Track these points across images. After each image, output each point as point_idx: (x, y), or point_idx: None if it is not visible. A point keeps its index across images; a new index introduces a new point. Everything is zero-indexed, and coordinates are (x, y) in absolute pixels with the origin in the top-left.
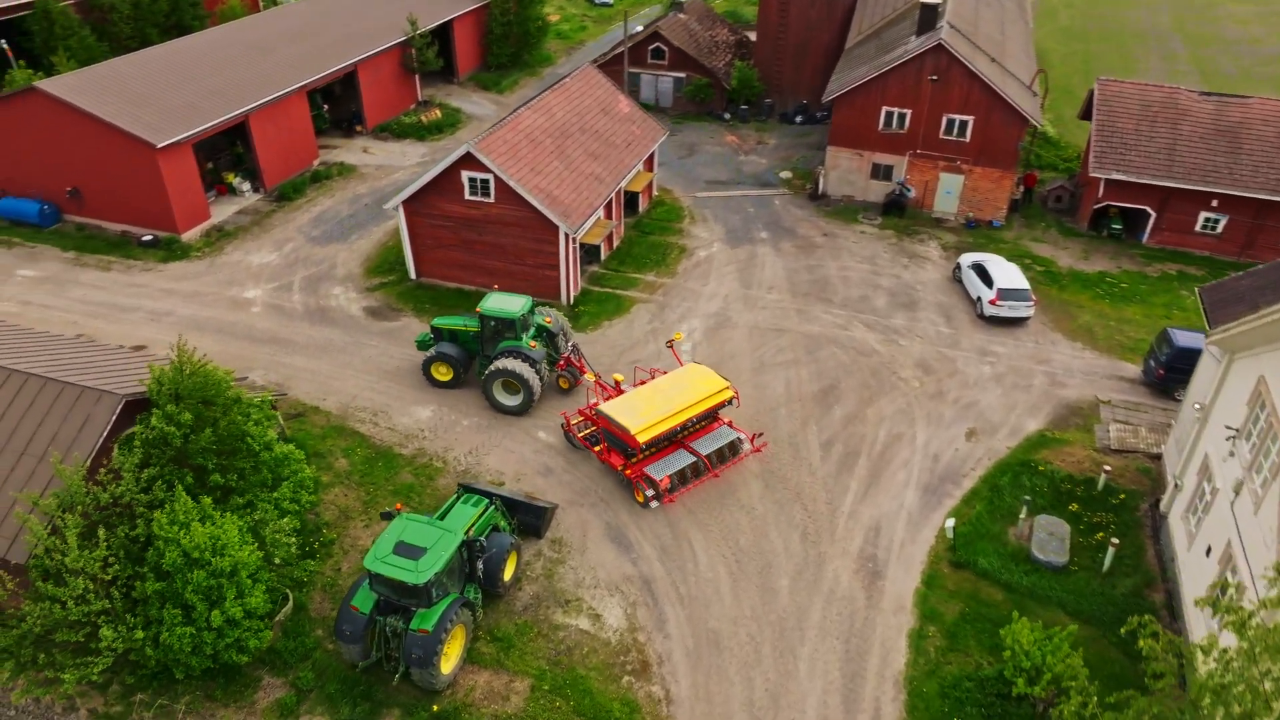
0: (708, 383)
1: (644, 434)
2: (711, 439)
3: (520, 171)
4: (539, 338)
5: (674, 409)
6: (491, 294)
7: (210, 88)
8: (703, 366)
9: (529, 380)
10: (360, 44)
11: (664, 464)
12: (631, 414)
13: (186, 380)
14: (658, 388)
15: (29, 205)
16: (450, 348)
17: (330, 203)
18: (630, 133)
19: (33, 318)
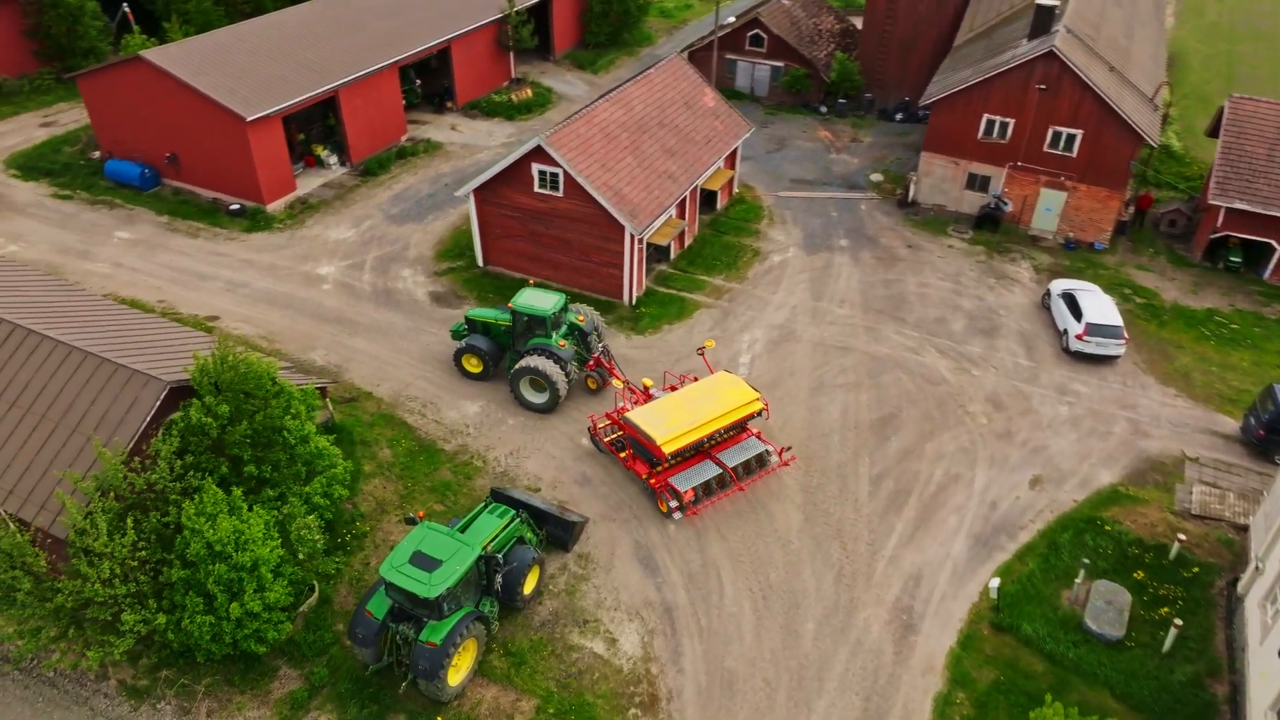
0: (737, 393)
1: (670, 445)
2: (739, 450)
3: (590, 167)
4: (570, 336)
5: (702, 419)
6: (525, 289)
7: (304, 61)
8: (733, 375)
9: (555, 380)
10: (455, 20)
11: (689, 475)
12: (658, 423)
13: (226, 373)
14: (686, 396)
15: (131, 169)
16: (482, 340)
17: (412, 180)
18: (712, 128)
19: (122, 280)
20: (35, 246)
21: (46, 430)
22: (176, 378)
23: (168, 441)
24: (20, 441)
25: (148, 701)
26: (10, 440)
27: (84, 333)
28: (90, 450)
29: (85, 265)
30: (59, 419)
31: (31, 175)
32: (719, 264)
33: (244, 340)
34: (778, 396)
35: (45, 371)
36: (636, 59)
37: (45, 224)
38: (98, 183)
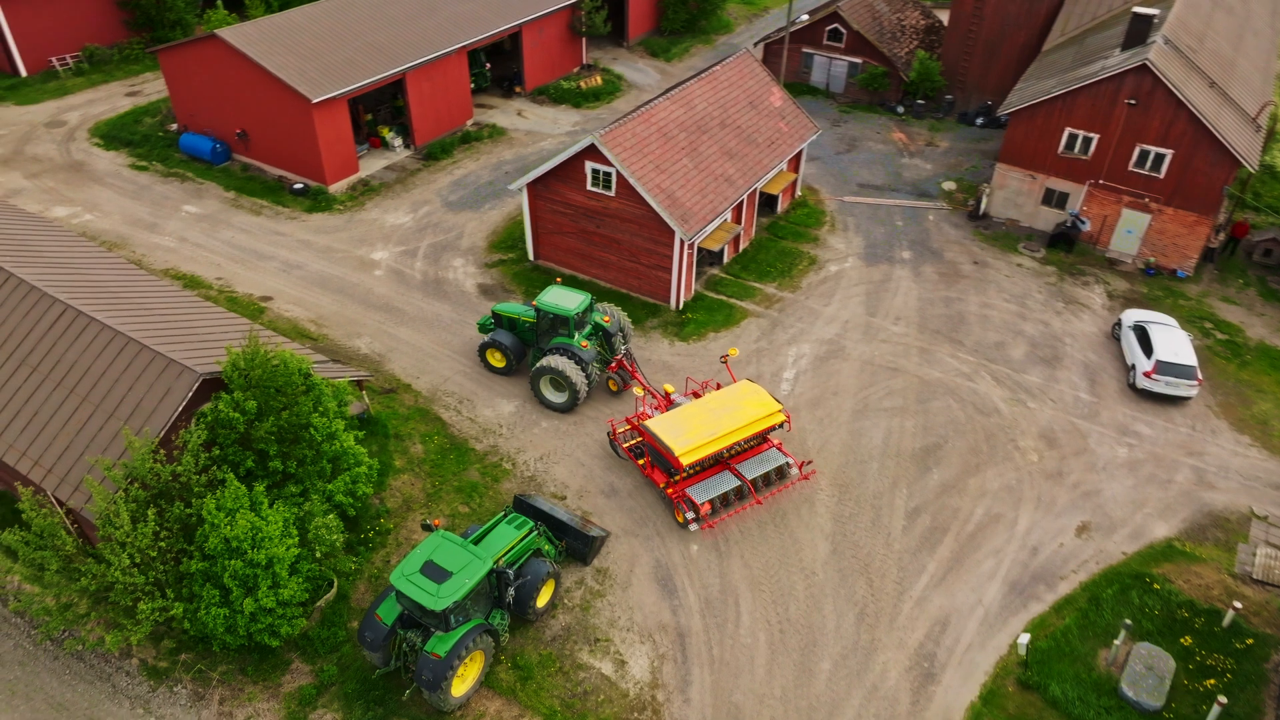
0: (759, 404)
1: (688, 456)
2: (758, 462)
3: (643, 168)
4: (595, 336)
5: (722, 430)
6: (552, 287)
7: (374, 43)
8: (755, 385)
9: (574, 381)
10: (528, 4)
11: (707, 486)
12: (677, 433)
13: (255, 369)
14: (707, 405)
15: (204, 143)
16: (506, 336)
17: (474, 166)
18: (776, 129)
19: (185, 255)
20: (108, 217)
21: (86, 412)
22: (210, 369)
23: (195, 433)
24: (62, 421)
25: (165, 683)
26: (53, 420)
27: (131, 316)
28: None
29: (152, 238)
30: (99, 402)
31: (113, 145)
32: (772, 271)
33: (293, 324)
34: (819, 417)
35: (90, 354)
36: (712, 47)
37: (120, 194)
38: (172, 155)
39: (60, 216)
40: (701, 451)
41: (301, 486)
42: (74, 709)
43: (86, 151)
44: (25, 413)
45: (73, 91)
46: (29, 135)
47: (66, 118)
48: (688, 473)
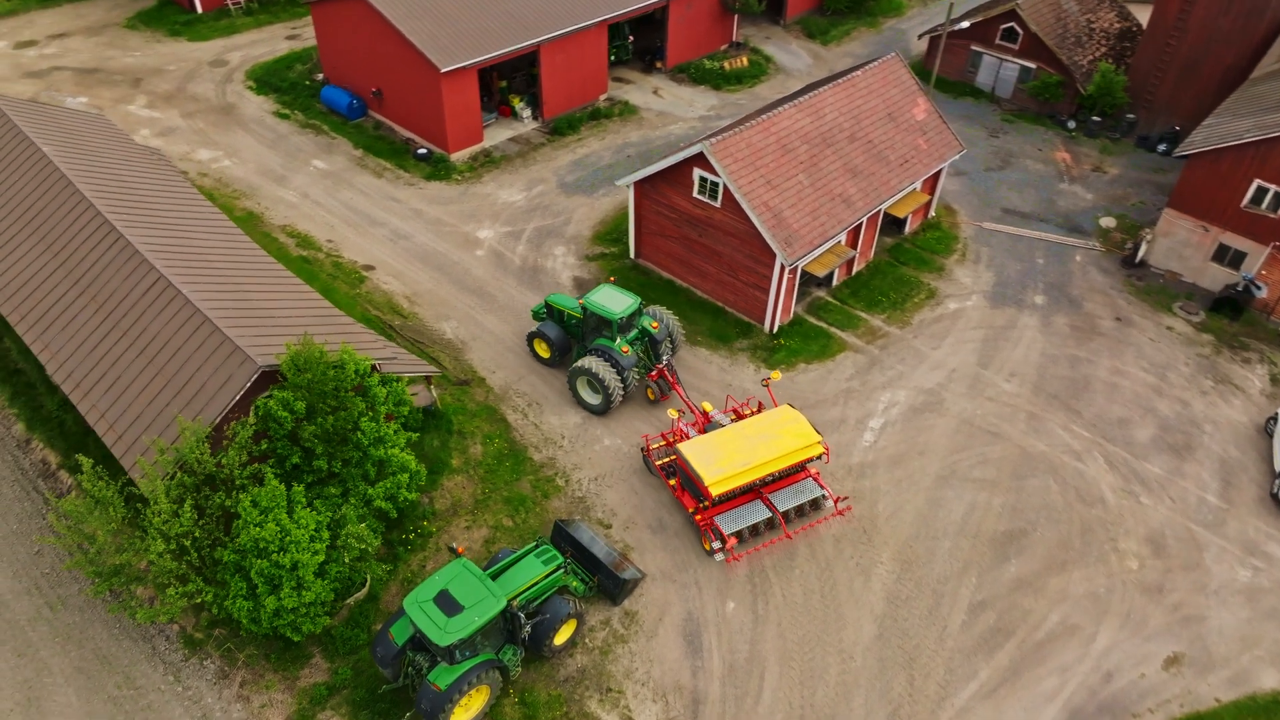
0: (797, 433)
1: (719, 486)
2: (793, 492)
3: (752, 183)
4: (639, 341)
5: (756, 460)
6: (604, 286)
7: (512, 11)
8: (795, 411)
9: (609, 385)
10: None
11: (737, 515)
12: (709, 461)
13: (307, 372)
14: (743, 432)
15: (342, 97)
16: (553, 329)
17: (597, 146)
18: (913, 146)
19: (304, 212)
20: (244, 165)
21: (159, 385)
22: (271, 362)
23: (245, 428)
24: (138, 390)
25: (198, 654)
26: (131, 387)
27: (217, 291)
28: (190, 412)
29: (278, 191)
30: (170, 376)
31: (263, 90)
32: (884, 301)
33: (388, 298)
34: (897, 478)
35: (171, 327)
36: (876, 32)
37: (259, 142)
38: (313, 105)
39: (203, 160)
40: (733, 482)
41: (343, 488)
42: (115, 663)
43: (239, 94)
44: (110, 375)
45: (240, 31)
46: (193, 73)
47: (229, 57)
48: (716, 501)
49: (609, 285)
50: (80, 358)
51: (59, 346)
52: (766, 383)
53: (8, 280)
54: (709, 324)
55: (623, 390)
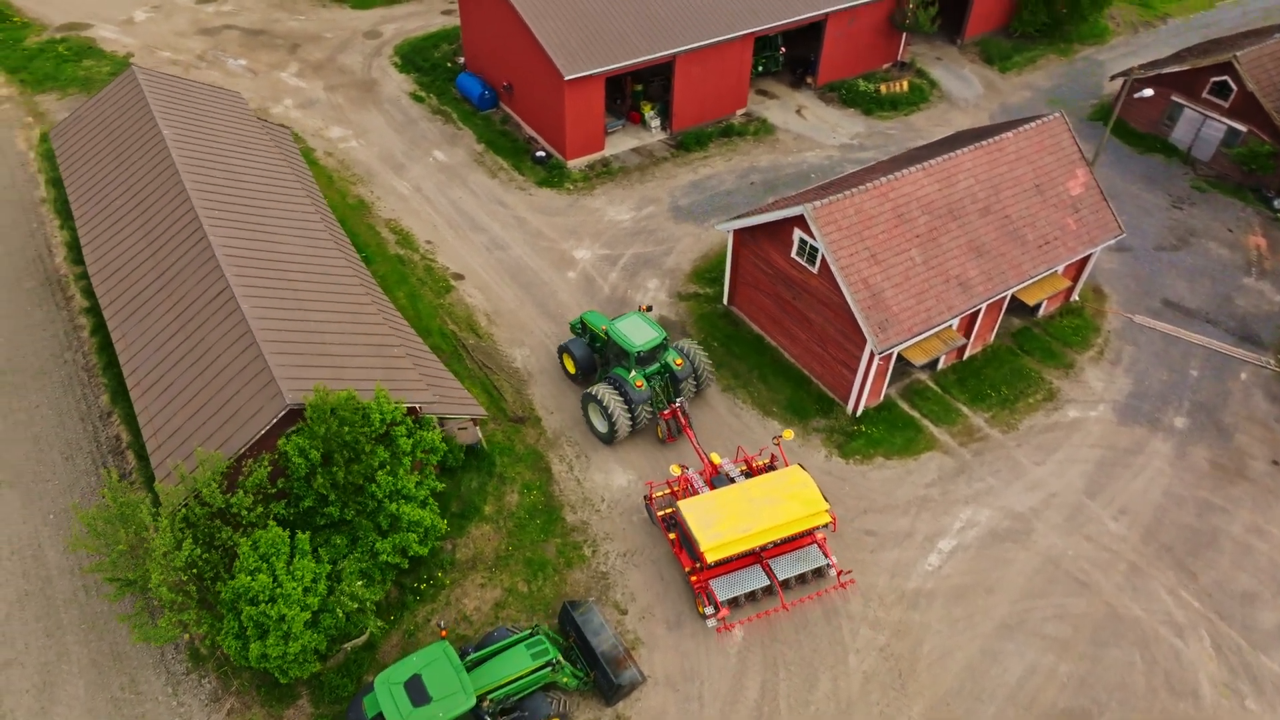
0: (804, 500)
1: (716, 552)
2: (795, 559)
3: (854, 256)
4: (658, 376)
5: (758, 526)
6: (632, 314)
7: (653, 15)
8: (805, 474)
9: (615, 418)
10: None
11: (733, 580)
12: (708, 523)
13: (322, 424)
14: (748, 493)
15: (475, 86)
16: (580, 347)
17: (722, 167)
18: (1060, 225)
19: (411, 208)
20: (369, 148)
21: (203, 400)
22: (298, 401)
23: (259, 467)
24: (185, 401)
25: (198, 670)
26: (180, 396)
27: (279, 308)
28: (222, 434)
29: (392, 180)
30: (215, 393)
31: (406, 68)
32: (992, 396)
33: (469, 312)
34: (954, 616)
35: (225, 341)
36: (1067, 61)
37: (389, 125)
38: (448, 91)
39: (332, 138)
40: (730, 549)
41: (351, 536)
42: (125, 662)
43: (383, 70)
44: (167, 378)
45: (401, 2)
46: (347, 43)
47: (383, 29)
48: (711, 565)
49: (639, 314)
50: (148, 353)
51: (134, 338)
52: (777, 440)
53: (108, 261)
54: (789, 394)
55: (630, 424)
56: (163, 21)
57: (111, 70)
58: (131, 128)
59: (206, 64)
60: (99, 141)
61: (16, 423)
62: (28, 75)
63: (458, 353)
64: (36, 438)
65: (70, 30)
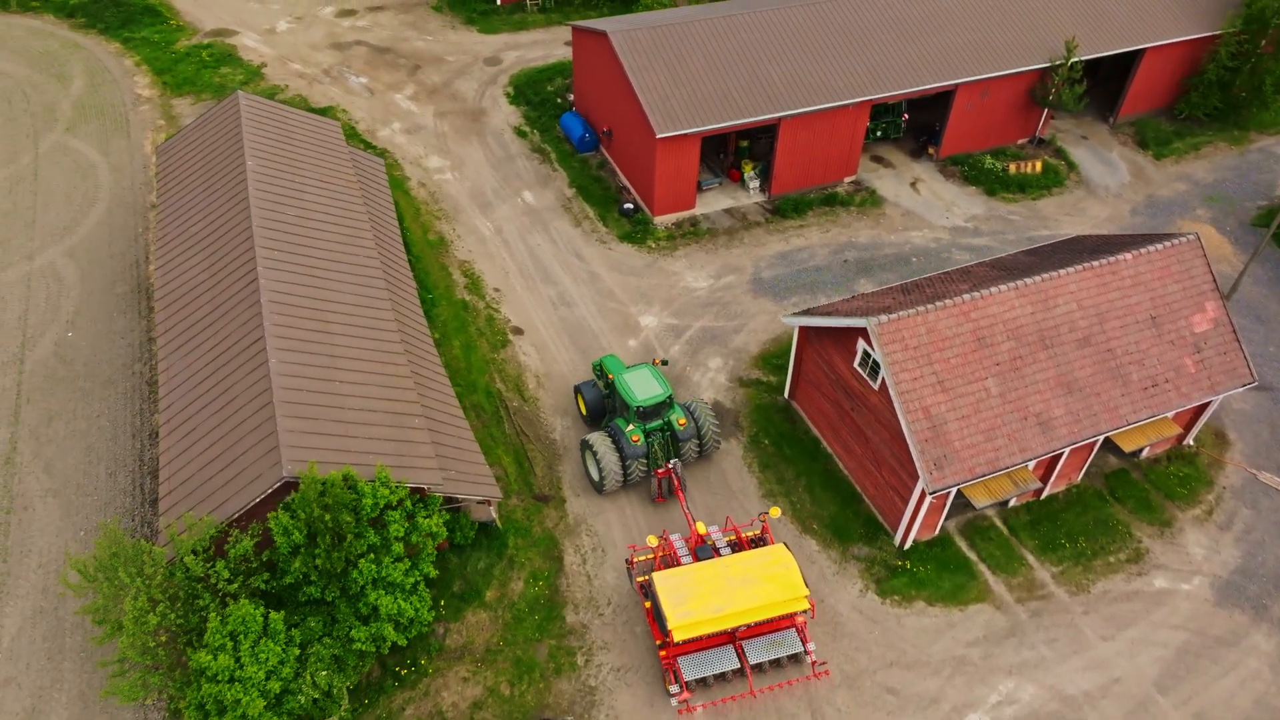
0: (783, 583)
1: (683, 631)
2: (770, 644)
3: (917, 380)
4: (659, 433)
5: (731, 608)
6: (643, 366)
7: (762, 78)
8: (788, 555)
9: (605, 470)
10: (978, 59)
11: (702, 660)
12: (680, 599)
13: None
14: (726, 571)
15: (577, 128)
16: (591, 392)
17: (816, 239)
18: (1175, 366)
19: (489, 250)
20: (461, 183)
21: (215, 453)
22: (293, 474)
23: (243, 540)
24: (200, 450)
25: None
26: (198, 444)
27: (309, 364)
28: (218, 496)
29: (477, 220)
30: (229, 445)
31: (517, 100)
32: (1066, 548)
33: (519, 371)
34: None
35: (248, 395)
36: (1238, 151)
37: (487, 159)
38: (552, 128)
39: (429, 168)
40: (699, 629)
41: (329, 618)
42: (111, 702)
43: (494, 100)
44: (191, 422)
45: (528, 28)
46: (466, 68)
47: (505, 56)
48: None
49: (649, 367)
50: (183, 391)
51: (175, 372)
52: (763, 518)
53: (172, 287)
54: (834, 511)
55: (621, 478)
56: (301, 33)
57: (244, 79)
58: (223, 154)
59: (330, 79)
60: (194, 164)
61: (75, 431)
62: (170, 78)
63: (499, 414)
64: (89, 448)
65: (217, 36)
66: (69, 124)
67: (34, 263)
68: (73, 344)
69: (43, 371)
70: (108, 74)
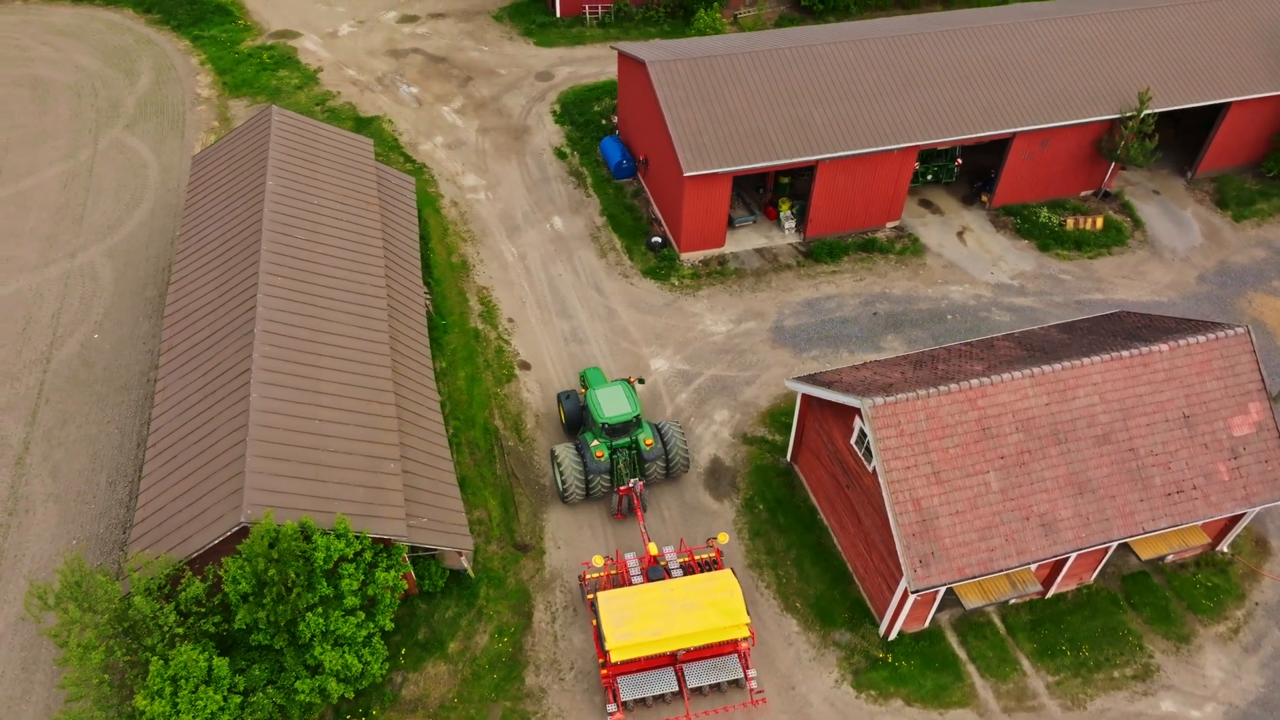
0: (725, 610)
1: (621, 652)
2: (711, 668)
3: (910, 469)
4: (624, 452)
5: (669, 631)
6: (617, 384)
7: (803, 119)
8: (733, 581)
9: (567, 481)
10: (1035, 106)
11: (641, 681)
12: (621, 621)
13: (249, 562)
14: (670, 594)
15: (615, 153)
16: (570, 402)
17: (848, 288)
18: (1206, 472)
19: (508, 279)
20: (494, 204)
21: (191, 484)
22: (251, 520)
23: (192, 585)
24: (179, 478)
25: None
26: (177, 472)
27: (290, 400)
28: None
29: (502, 244)
30: (203, 479)
31: (562, 119)
32: (1066, 655)
33: (520, 409)
34: None
35: (222, 430)
36: None
37: (522, 181)
38: (592, 152)
39: (463, 186)
40: (637, 651)
41: (275, 666)
42: None
43: (539, 118)
44: (174, 449)
45: (585, 43)
46: (517, 83)
47: (557, 72)
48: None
49: (623, 385)
50: (173, 415)
51: (171, 393)
52: (711, 543)
53: (181, 305)
54: (821, 590)
55: (583, 491)
56: (361, 38)
57: (299, 83)
58: (247, 171)
59: (382, 88)
60: (221, 178)
61: (85, 436)
62: (230, 79)
63: (493, 453)
64: (95, 455)
65: (280, 38)
66: (130, 121)
67: (75, 260)
68: (97, 346)
69: (65, 372)
70: (173, 71)
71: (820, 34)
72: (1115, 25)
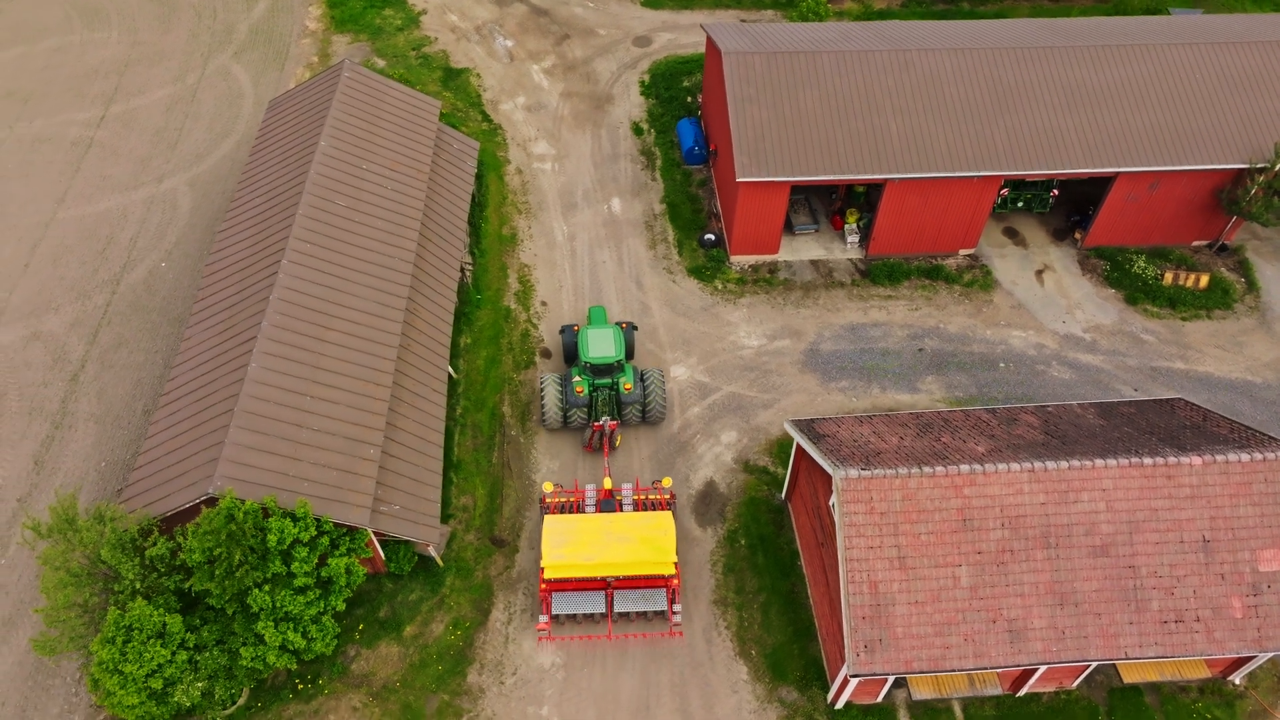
0: (656, 547)
1: (554, 571)
2: (640, 598)
3: (873, 549)
4: (605, 391)
5: (602, 559)
6: (610, 329)
7: (877, 132)
8: (669, 523)
9: (546, 408)
10: (1147, 144)
11: (574, 599)
12: (559, 543)
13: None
14: (608, 527)
15: (689, 138)
16: (569, 335)
17: (900, 318)
18: (1215, 605)
19: (553, 259)
20: (558, 176)
21: (184, 441)
22: (222, 489)
23: (158, 544)
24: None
25: None
26: (178, 426)
27: (290, 374)
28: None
29: (554, 222)
30: (190, 441)
31: (648, 91)
32: None
33: (530, 397)
34: None
35: (217, 395)
36: None
37: (591, 155)
38: (670, 130)
39: (533, 154)
40: (568, 571)
41: (223, 629)
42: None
43: (625, 88)
44: (181, 402)
45: (692, 8)
46: (612, 46)
47: (656, 37)
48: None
49: (614, 329)
50: (189, 368)
51: (193, 343)
52: (658, 485)
53: (222, 257)
54: (780, 641)
55: (561, 420)
56: None
57: (401, 24)
58: (308, 127)
59: (479, 38)
60: (284, 130)
61: (133, 363)
62: (339, 13)
63: (493, 440)
64: (138, 382)
65: None
66: (239, 48)
67: (161, 186)
68: (163, 275)
69: (130, 297)
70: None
71: (920, 36)
72: (1265, 57)
